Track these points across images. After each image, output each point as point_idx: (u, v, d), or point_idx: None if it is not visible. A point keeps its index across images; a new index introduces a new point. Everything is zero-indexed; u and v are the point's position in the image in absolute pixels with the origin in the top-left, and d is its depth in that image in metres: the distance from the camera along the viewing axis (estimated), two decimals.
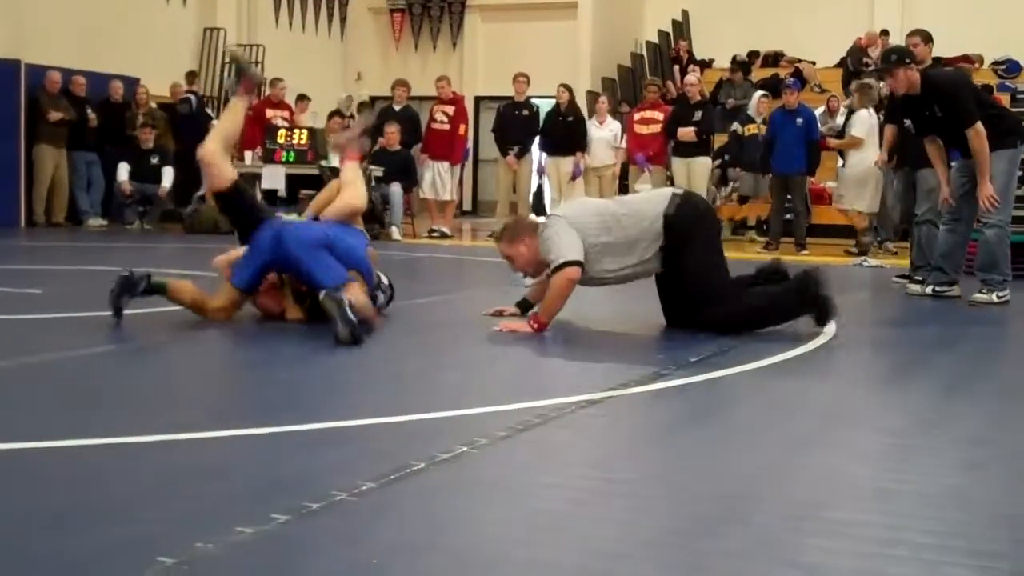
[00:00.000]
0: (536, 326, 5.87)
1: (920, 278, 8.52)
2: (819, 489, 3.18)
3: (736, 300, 5.94)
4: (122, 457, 3.35)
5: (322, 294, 5.44)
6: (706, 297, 5.85)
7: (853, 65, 18.13)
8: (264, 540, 2.57)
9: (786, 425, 4.08)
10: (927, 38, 8.49)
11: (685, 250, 5.88)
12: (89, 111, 14.77)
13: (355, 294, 5.61)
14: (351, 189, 6.40)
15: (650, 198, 6.17)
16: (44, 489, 2.97)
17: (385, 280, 6.56)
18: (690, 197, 6.25)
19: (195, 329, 5.98)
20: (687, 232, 5.87)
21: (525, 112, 14.75)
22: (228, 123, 6.48)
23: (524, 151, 14.68)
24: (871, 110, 13.10)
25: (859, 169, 13.10)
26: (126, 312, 5.93)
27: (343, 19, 22.32)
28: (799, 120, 13.46)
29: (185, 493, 2.96)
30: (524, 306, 6.32)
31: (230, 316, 6.16)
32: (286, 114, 15.51)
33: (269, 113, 15.37)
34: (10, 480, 3.06)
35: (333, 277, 5.71)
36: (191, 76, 16.94)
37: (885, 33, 19.04)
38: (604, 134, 14.32)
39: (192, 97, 16.09)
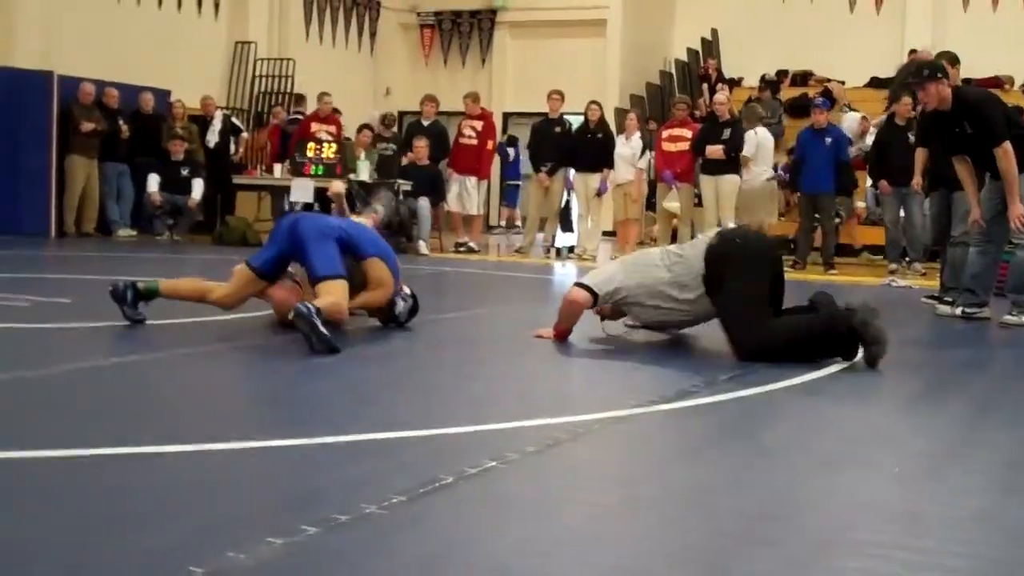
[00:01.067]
0: (555, 333, 6.12)
1: (950, 299, 8.48)
2: (848, 511, 3.17)
3: (767, 330, 5.71)
4: (152, 467, 3.36)
5: (291, 314, 5.47)
6: (735, 327, 5.75)
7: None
8: (294, 551, 2.58)
9: (815, 445, 4.06)
10: (954, 60, 8.49)
11: (720, 284, 5.80)
12: (121, 122, 14.88)
13: (328, 297, 5.62)
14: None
15: (696, 242, 6.14)
16: (75, 499, 2.99)
17: (407, 289, 6.57)
18: (727, 233, 6.18)
19: (222, 340, 6.01)
20: (721, 267, 5.81)
21: (559, 129, 14.78)
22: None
23: (557, 167, 14.69)
24: (756, 130, 13.98)
25: (753, 185, 13.77)
26: (155, 322, 6.00)
27: (373, 34, 22.42)
28: (828, 140, 13.48)
29: (215, 504, 2.97)
30: None
31: (238, 301, 6.22)
32: (332, 128, 15.60)
33: (314, 127, 15.46)
34: (41, 490, 3.08)
35: (327, 268, 5.75)
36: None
37: (914, 52, 18.98)
38: (627, 151, 14.30)
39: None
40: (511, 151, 20.57)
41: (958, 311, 8.07)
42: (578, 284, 6.07)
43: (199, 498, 3.02)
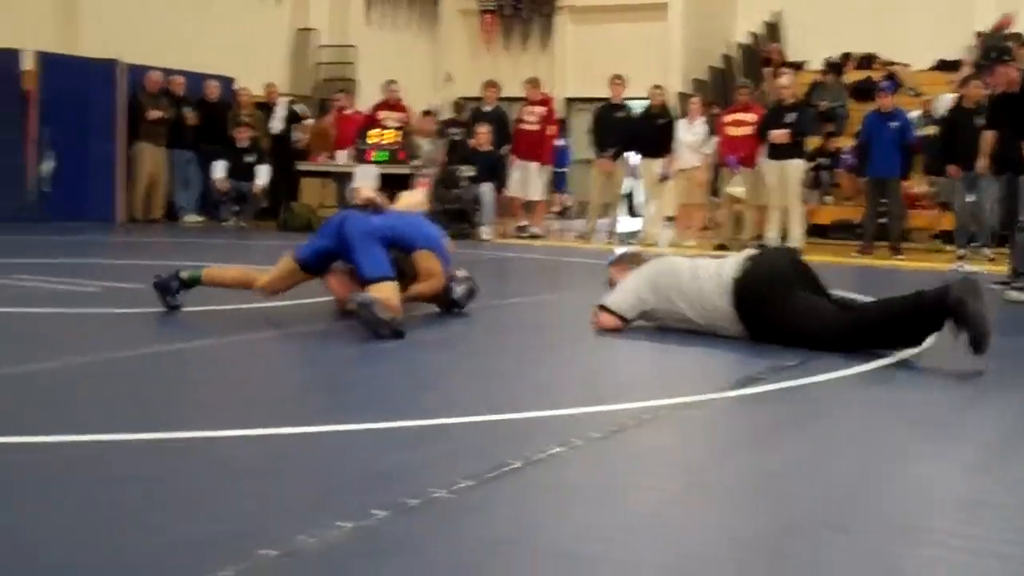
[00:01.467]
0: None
1: (1022, 285, 8.35)
2: (914, 499, 3.14)
3: (850, 325, 5.56)
4: (221, 451, 3.41)
5: (353, 304, 5.51)
6: (816, 339, 5.59)
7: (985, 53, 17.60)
8: (364, 535, 2.60)
9: (881, 433, 4.03)
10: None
11: (768, 313, 5.68)
12: (186, 110, 15.03)
13: (383, 292, 5.66)
14: (434, 282, 6.36)
15: (722, 264, 6.01)
16: (146, 482, 3.03)
17: (463, 271, 6.59)
18: (746, 277, 5.81)
19: (283, 326, 6.07)
20: (765, 291, 5.71)
21: (621, 114, 14.72)
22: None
23: (620, 153, 14.64)
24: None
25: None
26: (214, 308, 6.09)
27: (434, 20, 22.45)
28: (894, 123, 13.32)
29: (285, 487, 3.01)
30: None
31: (277, 290, 6.29)
32: (402, 115, 15.66)
33: (382, 115, 15.53)
34: (113, 474, 3.13)
35: (375, 269, 5.78)
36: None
37: (981, 35, 18.70)
38: (690, 136, 14.16)
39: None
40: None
41: None
42: (603, 308, 5.96)
43: (269, 482, 3.06)
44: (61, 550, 2.47)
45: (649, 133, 14.30)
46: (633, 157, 14.95)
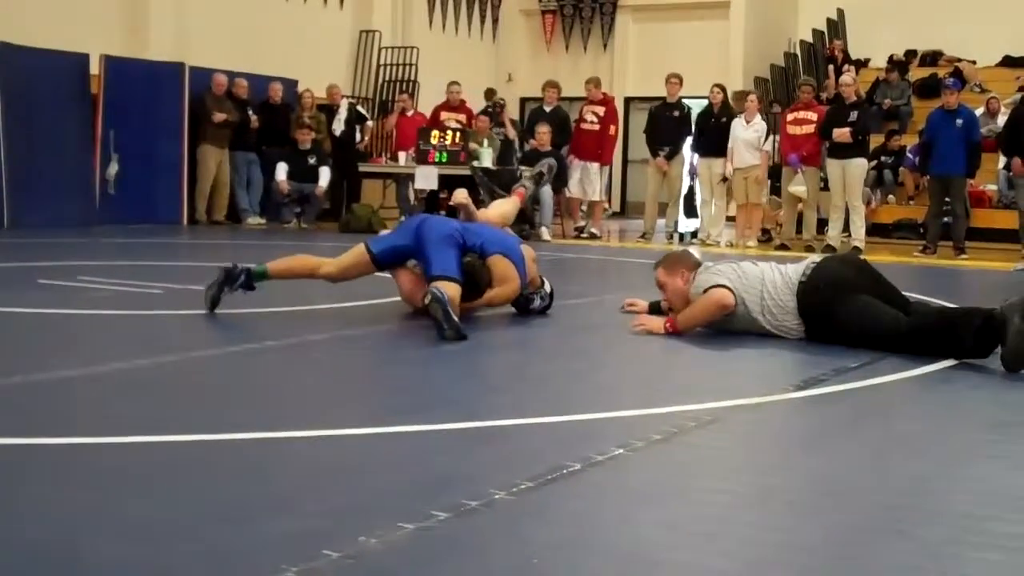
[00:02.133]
0: (671, 328, 5.91)
1: None
2: (983, 501, 3.11)
3: (901, 334, 5.50)
4: (285, 452, 3.44)
5: (428, 298, 5.53)
6: (875, 340, 5.55)
7: None
8: (425, 537, 2.62)
9: (947, 433, 3.99)
10: None
11: (829, 313, 5.67)
12: (250, 112, 15.17)
13: (446, 290, 5.67)
14: (509, 288, 6.33)
15: (786, 270, 5.96)
16: (212, 482, 3.07)
17: (548, 287, 6.67)
18: (825, 263, 5.92)
19: (347, 327, 6.10)
20: (828, 294, 5.68)
21: (676, 113, 14.64)
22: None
23: (674, 152, 14.58)
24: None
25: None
26: (278, 309, 6.14)
27: (495, 20, 22.49)
28: (959, 121, 13.15)
29: (347, 488, 3.03)
30: (656, 308, 6.42)
31: (344, 277, 6.33)
32: (462, 117, 15.73)
33: (444, 116, 15.60)
34: (180, 473, 3.17)
35: (444, 268, 5.84)
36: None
37: None
38: (749, 134, 14.01)
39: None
40: None
41: None
42: (722, 286, 5.84)
43: (332, 483, 3.09)
44: (130, 548, 2.51)
45: (710, 132, 14.23)
46: (693, 156, 14.87)
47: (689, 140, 14.75)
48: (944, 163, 13.18)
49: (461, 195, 6.72)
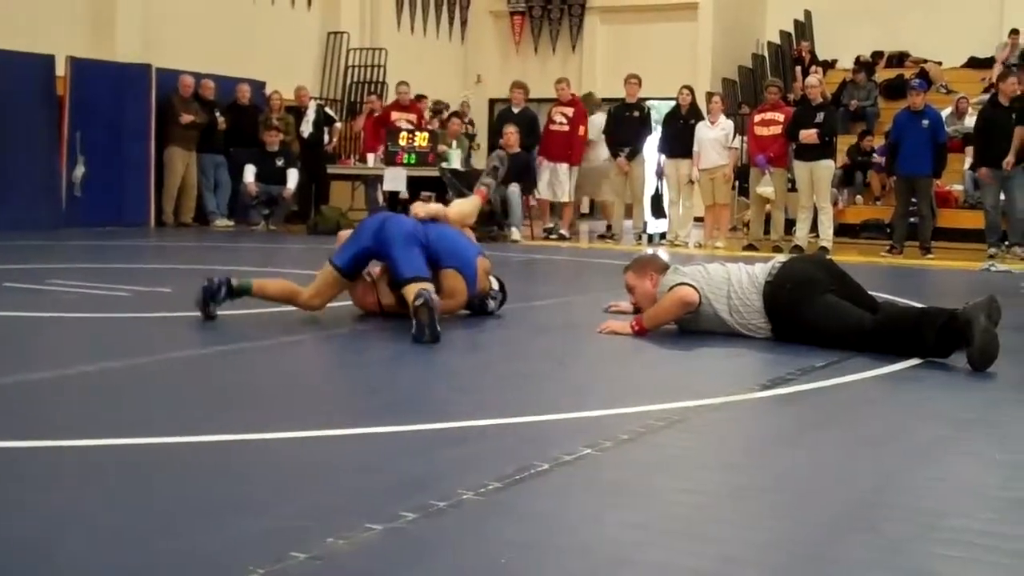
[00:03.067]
0: (637, 328, 5.92)
1: None
2: (947, 498, 3.14)
3: (865, 332, 5.55)
4: (253, 454, 3.43)
5: (419, 301, 5.50)
6: (840, 340, 5.59)
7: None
8: (393, 537, 2.61)
9: (913, 432, 4.02)
10: None
11: (795, 312, 5.71)
12: (218, 114, 15.12)
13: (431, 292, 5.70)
14: (454, 303, 6.34)
15: (753, 270, 5.99)
16: (179, 484, 3.06)
17: (496, 285, 6.66)
18: (791, 263, 5.99)
19: (315, 329, 6.10)
20: (795, 294, 5.71)
21: (636, 113, 14.69)
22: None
23: (635, 152, 14.62)
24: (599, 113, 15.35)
25: (591, 165, 15.00)
26: (245, 312, 6.13)
27: (464, 22, 22.49)
28: (925, 122, 13.24)
29: (315, 490, 3.03)
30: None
31: (324, 302, 6.31)
32: (412, 116, 15.71)
33: (394, 116, 15.59)
34: (147, 475, 3.15)
35: (412, 270, 5.85)
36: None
37: (1015, 32, 18.59)
38: (716, 134, 14.02)
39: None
40: None
41: None
42: (685, 283, 5.89)
43: (300, 484, 3.08)
44: (99, 551, 2.50)
45: (678, 134, 14.26)
46: (660, 157, 14.90)
47: (652, 141, 14.81)
48: (910, 163, 13.28)
49: (420, 209, 6.59)
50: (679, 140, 14.22)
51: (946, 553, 2.65)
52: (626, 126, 14.62)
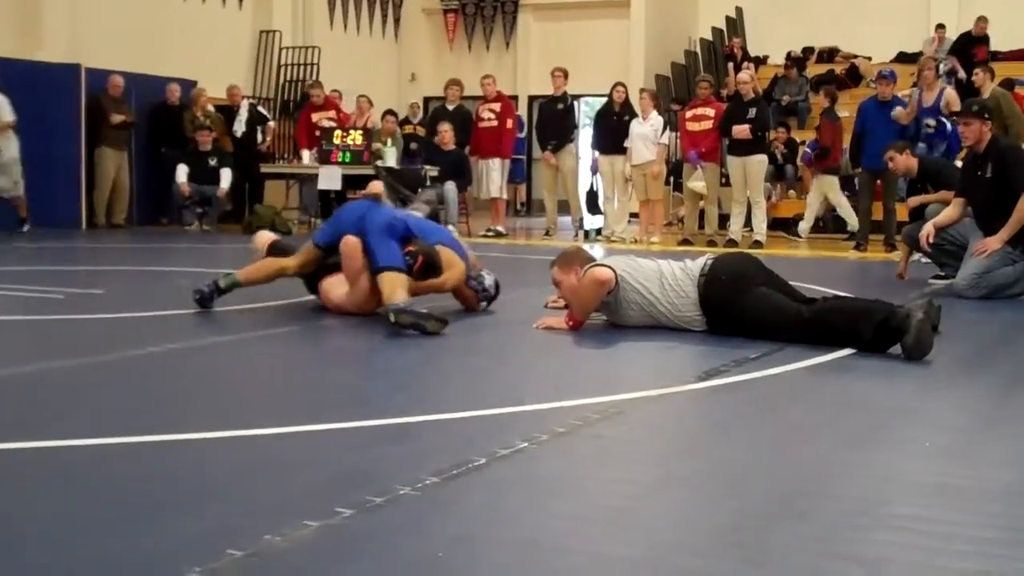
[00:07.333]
0: (572, 323, 5.97)
1: (943, 273, 8.68)
2: (879, 485, 3.18)
3: (803, 323, 5.61)
4: (191, 453, 3.41)
5: (391, 316, 5.65)
6: (775, 332, 5.64)
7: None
8: (330, 533, 2.62)
9: (845, 421, 4.08)
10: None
11: (731, 303, 5.76)
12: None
13: (393, 281, 5.91)
14: (455, 272, 6.54)
15: (686, 264, 6.03)
16: (115, 485, 3.04)
17: (489, 280, 6.82)
18: (724, 257, 6.06)
19: (259, 327, 6.07)
20: (730, 286, 5.77)
21: (560, 106, 14.77)
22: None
23: (560, 145, 14.68)
24: None
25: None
26: (194, 311, 6.29)
27: (397, 20, 22.43)
28: (893, 113, 12.39)
29: (252, 488, 3.02)
30: None
31: (303, 269, 6.63)
32: (331, 113, 15.67)
33: (315, 117, 15.53)
34: (80, 477, 3.13)
35: (388, 259, 6.04)
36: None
37: (941, 27, 18.86)
38: (646, 130, 13.98)
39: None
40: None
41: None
42: (598, 264, 5.95)
43: (238, 483, 3.07)
44: (29, 554, 2.47)
45: (612, 130, 14.30)
46: (594, 154, 14.94)
47: (581, 135, 14.86)
48: (878, 157, 12.17)
49: (376, 186, 6.91)
50: (613, 136, 14.25)
51: (875, 538, 2.69)
52: (551, 118, 14.71)
